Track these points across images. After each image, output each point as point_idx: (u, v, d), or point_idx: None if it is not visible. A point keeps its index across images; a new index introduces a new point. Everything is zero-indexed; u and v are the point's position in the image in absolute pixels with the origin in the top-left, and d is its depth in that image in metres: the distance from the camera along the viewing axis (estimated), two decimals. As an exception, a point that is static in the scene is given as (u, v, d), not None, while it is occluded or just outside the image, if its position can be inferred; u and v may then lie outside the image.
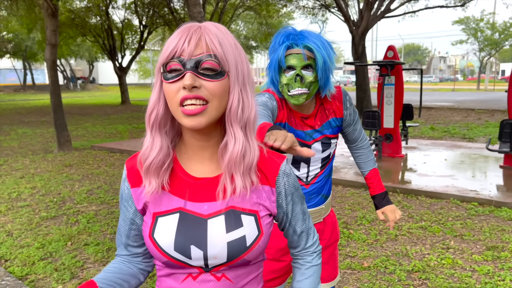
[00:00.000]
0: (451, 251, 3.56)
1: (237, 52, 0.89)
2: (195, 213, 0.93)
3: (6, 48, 34.22)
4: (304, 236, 1.06)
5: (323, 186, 1.72)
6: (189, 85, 0.82)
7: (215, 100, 0.86)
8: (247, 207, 0.94)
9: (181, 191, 0.95)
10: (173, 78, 0.85)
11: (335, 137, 1.71)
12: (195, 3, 6.10)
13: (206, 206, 0.93)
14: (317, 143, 1.66)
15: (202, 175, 0.96)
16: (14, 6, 15.76)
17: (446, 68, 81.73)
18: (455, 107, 17.69)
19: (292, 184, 1.01)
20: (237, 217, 0.93)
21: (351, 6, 15.68)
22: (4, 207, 4.93)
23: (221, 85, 0.86)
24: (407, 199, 5.05)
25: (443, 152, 7.89)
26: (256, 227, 0.94)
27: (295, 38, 1.50)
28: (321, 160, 1.68)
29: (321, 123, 1.66)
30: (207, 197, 0.94)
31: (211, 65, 0.84)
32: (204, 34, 0.85)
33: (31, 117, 16.31)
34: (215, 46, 0.85)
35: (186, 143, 0.96)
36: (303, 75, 1.51)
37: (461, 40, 36.14)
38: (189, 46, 0.84)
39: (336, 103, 1.67)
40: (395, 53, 7.40)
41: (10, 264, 3.43)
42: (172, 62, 0.85)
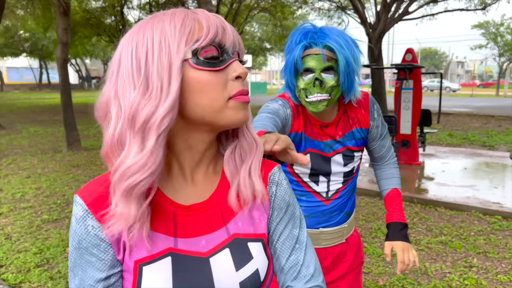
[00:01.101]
0: (474, 270, 3.29)
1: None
2: (191, 252, 0.70)
3: (23, 47, 34.69)
4: (292, 273, 0.78)
5: (345, 202, 1.53)
6: (245, 73, 0.69)
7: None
8: (252, 231, 0.75)
9: (166, 225, 0.70)
10: (216, 65, 0.67)
11: (360, 149, 1.50)
12: (206, 2, 5.92)
13: (204, 240, 0.71)
14: (337, 156, 1.45)
15: (191, 202, 0.73)
16: (30, 6, 15.90)
17: (464, 73, 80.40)
18: (474, 113, 17.20)
19: (281, 196, 0.79)
20: (244, 247, 0.73)
21: (368, 9, 15.39)
22: (7, 208, 4.80)
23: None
24: (425, 210, 4.77)
25: (463, 160, 7.56)
26: (265, 255, 0.75)
27: (313, 37, 1.29)
28: (343, 175, 1.48)
29: (343, 133, 1.45)
30: (202, 229, 0.72)
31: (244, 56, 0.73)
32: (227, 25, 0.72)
33: (44, 115, 16.39)
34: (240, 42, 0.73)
35: (172, 161, 0.72)
36: (323, 79, 1.30)
37: (480, 45, 35.40)
38: (232, 32, 0.70)
39: (361, 111, 1.46)
40: (413, 56, 7.11)
41: (5, 270, 3.27)
42: (211, 47, 0.67)
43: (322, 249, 1.53)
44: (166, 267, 0.68)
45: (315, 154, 1.44)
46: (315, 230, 1.51)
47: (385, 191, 1.55)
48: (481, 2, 14.43)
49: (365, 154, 7.96)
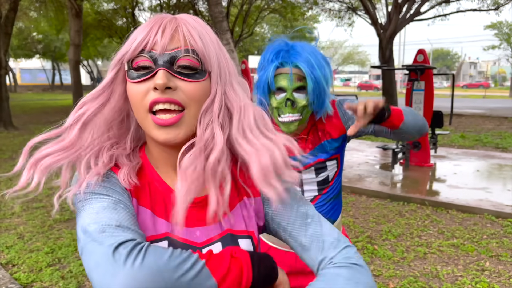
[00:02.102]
0: (486, 274, 3.24)
1: (219, 48, 0.74)
2: (186, 240, 0.73)
3: (36, 48, 35.20)
4: (317, 246, 0.75)
5: (326, 210, 1.45)
6: (162, 84, 0.65)
7: (192, 105, 0.69)
8: (243, 228, 0.77)
9: (166, 211, 0.74)
10: (140, 76, 0.68)
11: (333, 158, 1.44)
12: (217, 3, 5.93)
13: (198, 232, 0.75)
14: (308, 170, 1.42)
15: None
16: (43, 8, 16.12)
17: (476, 74, 79.44)
18: (486, 114, 16.99)
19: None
20: (235, 242, 0.76)
21: (379, 9, 15.30)
22: (20, 208, 4.86)
23: (202, 87, 0.70)
24: (437, 213, 4.72)
25: (475, 162, 7.46)
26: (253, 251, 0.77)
27: (285, 56, 1.29)
28: (316, 183, 1.42)
29: (313, 146, 1.41)
30: (198, 221, 0.75)
31: (189, 62, 0.68)
32: (181, 25, 0.69)
33: (57, 116, 16.47)
34: (194, 39, 0.69)
35: (153, 153, 0.77)
36: (295, 99, 1.30)
37: (493, 46, 34.98)
38: (162, 38, 0.67)
39: (331, 120, 1.41)
40: (425, 57, 7.05)
41: (17, 270, 3.31)
42: (141, 57, 0.68)
43: None
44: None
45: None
46: None
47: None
48: (494, 2, 14.27)
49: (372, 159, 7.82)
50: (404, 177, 6.41)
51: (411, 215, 4.62)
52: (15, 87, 38.52)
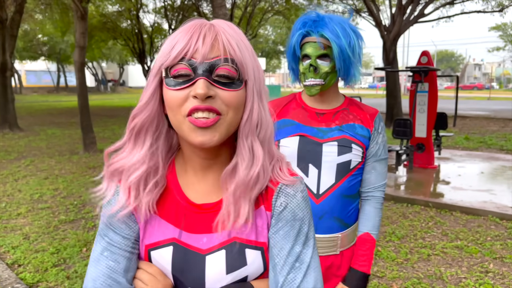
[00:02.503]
0: (490, 276, 3.24)
1: (253, 57, 0.75)
2: (191, 247, 0.75)
3: (41, 50, 35.41)
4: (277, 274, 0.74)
5: (340, 207, 1.39)
6: (203, 94, 0.67)
7: (230, 112, 0.70)
8: (253, 238, 0.75)
9: (176, 217, 0.77)
10: (180, 84, 0.69)
11: (360, 144, 1.40)
12: (221, 5, 5.96)
13: (206, 238, 0.76)
14: (331, 143, 1.39)
15: (202, 201, 0.77)
16: (48, 10, 16.22)
17: (481, 75, 79.10)
18: (491, 116, 16.92)
19: (292, 209, 0.76)
20: (241, 252, 0.74)
21: (383, 11, 15.29)
22: (25, 209, 4.90)
23: (239, 95, 0.71)
24: (441, 215, 4.71)
25: (479, 164, 7.44)
26: (262, 263, 0.76)
27: (312, 25, 1.37)
28: (336, 167, 1.38)
29: (341, 123, 1.42)
30: (206, 228, 0.76)
31: (228, 72, 0.69)
32: (220, 33, 0.70)
33: (62, 118, 16.67)
34: (233, 48, 0.70)
35: (186, 159, 0.78)
36: (318, 65, 1.37)
37: (498, 47, 34.85)
38: (203, 46, 0.68)
39: (366, 115, 1.45)
40: (429, 59, 7.05)
41: (23, 270, 3.34)
42: (180, 65, 0.69)
43: None
44: (168, 254, 0.75)
45: (305, 138, 1.40)
46: None
47: (359, 232, 1.46)
48: (499, 4, 14.22)
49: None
50: (408, 179, 6.40)
51: (414, 217, 4.62)
52: (21, 89, 38.75)
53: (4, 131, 11.89)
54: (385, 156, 1.46)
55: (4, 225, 4.36)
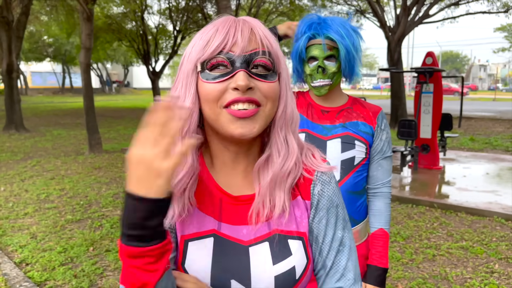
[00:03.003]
0: (495, 276, 3.24)
1: (280, 51, 0.76)
2: (233, 238, 0.75)
3: (47, 52, 35.60)
4: (335, 274, 0.78)
5: (347, 204, 1.41)
6: (244, 86, 0.67)
7: (269, 103, 0.71)
8: (293, 228, 0.76)
9: (213, 208, 0.77)
10: (219, 77, 0.69)
11: (363, 141, 1.44)
12: (226, 7, 5.99)
13: (245, 230, 0.75)
14: (335, 140, 1.43)
15: (238, 193, 0.78)
16: (54, 12, 16.33)
17: (486, 76, 78.75)
18: (496, 117, 16.85)
19: (329, 196, 0.79)
20: (284, 243, 0.75)
21: (387, 12, 15.28)
22: (32, 209, 4.95)
23: (275, 87, 0.72)
24: (446, 215, 4.71)
25: (485, 165, 7.43)
26: (305, 254, 0.76)
27: (317, 28, 1.41)
28: (341, 163, 1.42)
29: (345, 121, 1.46)
30: (245, 219, 0.76)
31: (265, 63, 0.71)
32: (255, 27, 0.72)
33: (67, 119, 16.77)
34: (269, 42, 0.72)
35: (214, 154, 0.78)
36: (326, 66, 1.42)
37: (503, 48, 34.71)
38: (242, 39, 0.69)
39: (369, 113, 1.49)
40: (434, 59, 7.04)
41: (31, 269, 3.37)
42: (219, 57, 0.69)
43: None
44: (208, 246, 0.74)
45: (311, 135, 1.45)
46: None
47: (372, 229, 1.50)
48: (504, 5, 14.17)
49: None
50: (412, 180, 6.40)
51: (420, 218, 4.62)
52: (26, 90, 38.99)
53: (10, 132, 11.98)
54: (390, 153, 1.50)
55: (12, 225, 4.40)
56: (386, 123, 1.50)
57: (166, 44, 24.33)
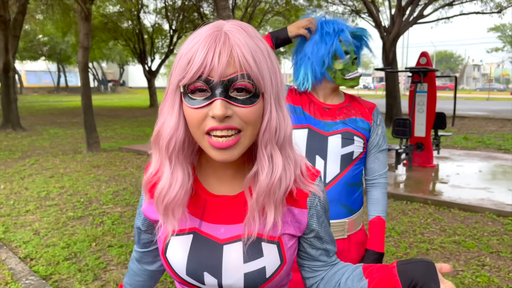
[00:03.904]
0: (486, 269, 3.36)
1: (270, 62, 0.75)
2: (210, 236, 0.83)
3: (42, 51, 35.47)
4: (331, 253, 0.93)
5: (346, 195, 1.53)
6: (220, 115, 0.69)
7: (249, 128, 0.73)
8: (269, 233, 0.82)
9: (197, 208, 0.85)
10: (198, 104, 0.72)
11: (361, 136, 1.54)
12: (225, 7, 6.08)
13: (223, 229, 0.83)
14: (336, 136, 1.53)
15: (221, 192, 0.85)
16: (50, 10, 16.30)
17: (480, 76, 79.30)
18: (490, 116, 17.07)
19: (323, 205, 0.89)
20: (257, 245, 0.82)
21: (382, 12, 15.42)
22: (33, 206, 5.01)
23: (256, 110, 0.73)
24: (439, 211, 4.83)
25: (478, 163, 7.57)
26: (279, 256, 0.83)
27: (341, 27, 1.55)
28: (340, 158, 1.52)
29: (344, 118, 1.56)
30: (224, 218, 0.84)
31: (245, 87, 0.71)
32: (234, 47, 0.70)
33: (63, 118, 16.76)
34: (248, 63, 0.70)
35: (206, 160, 0.86)
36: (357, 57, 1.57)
37: (497, 48, 35.04)
38: (219, 65, 0.69)
39: (365, 109, 1.60)
40: (428, 59, 7.17)
41: (35, 263, 3.45)
42: (198, 82, 0.71)
43: None
44: (187, 242, 0.84)
45: (313, 131, 1.54)
46: None
47: (370, 216, 1.61)
48: (497, 5, 14.35)
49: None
50: (407, 177, 6.53)
51: (414, 214, 4.74)
52: (21, 89, 38.82)
53: (7, 131, 11.99)
54: (385, 146, 1.61)
55: (14, 221, 4.47)
56: (381, 118, 1.61)
57: (162, 43, 24.36)
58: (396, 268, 0.76)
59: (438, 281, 0.71)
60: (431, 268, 0.73)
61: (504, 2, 14.32)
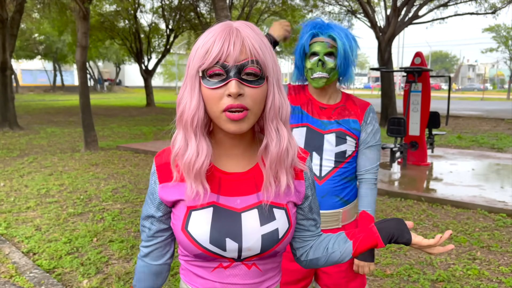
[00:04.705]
0: (477, 262, 3.48)
1: (272, 54, 0.92)
2: (228, 207, 0.96)
3: (38, 49, 35.36)
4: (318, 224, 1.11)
5: (340, 188, 1.66)
6: (235, 93, 0.85)
7: (255, 106, 0.89)
8: (277, 201, 0.98)
9: (214, 185, 0.97)
10: (216, 84, 0.87)
11: (353, 136, 1.66)
12: (223, 7, 6.17)
13: (239, 200, 0.96)
14: (331, 134, 1.65)
15: (233, 170, 0.99)
16: (46, 9, 16.31)
17: (475, 76, 79.78)
18: (483, 116, 17.25)
19: (313, 180, 1.07)
20: (270, 211, 0.96)
21: (378, 12, 15.54)
22: (34, 203, 5.08)
23: (262, 91, 0.89)
24: (432, 208, 4.95)
25: (471, 161, 7.71)
26: (287, 220, 0.98)
27: (321, 28, 1.63)
28: (335, 155, 1.65)
29: (338, 118, 1.68)
30: (239, 191, 0.97)
31: (253, 71, 0.87)
32: (246, 39, 0.87)
33: (60, 117, 16.77)
34: (257, 51, 0.87)
35: (217, 141, 0.99)
36: (325, 61, 1.61)
37: (491, 48, 35.30)
38: (234, 51, 0.85)
39: (358, 110, 1.70)
40: (422, 59, 7.29)
41: (38, 258, 3.53)
42: (215, 67, 0.86)
43: None
44: (208, 214, 0.94)
45: (311, 129, 1.66)
46: None
47: (359, 211, 1.72)
48: (491, 6, 14.51)
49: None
50: (401, 175, 6.64)
51: (407, 210, 4.86)
52: (17, 88, 38.69)
53: (4, 130, 12.02)
54: (374, 143, 1.70)
55: (16, 218, 4.54)
56: (373, 116, 1.70)
57: (159, 43, 24.38)
58: (375, 227, 1.00)
59: (409, 231, 0.98)
60: (402, 223, 0.99)
61: (498, 2, 14.49)
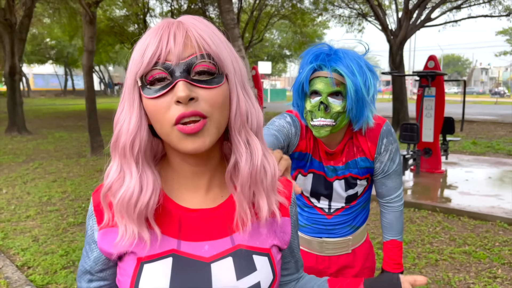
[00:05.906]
0: (498, 281, 3.23)
1: (230, 49, 0.70)
2: (193, 256, 0.72)
3: (49, 54, 35.72)
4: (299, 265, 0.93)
5: (351, 218, 1.51)
6: (185, 97, 0.62)
7: (215, 113, 0.66)
8: (257, 245, 0.74)
9: (171, 227, 0.73)
10: (159, 91, 0.65)
11: (364, 178, 1.45)
12: (228, 10, 6.01)
13: (207, 246, 0.73)
14: (339, 181, 1.45)
15: (198, 206, 0.75)
16: (56, 14, 16.39)
17: (488, 80, 78.66)
18: (498, 121, 16.83)
19: (297, 216, 0.87)
20: (249, 258, 0.73)
21: (389, 15, 15.28)
22: (34, 211, 4.95)
23: (221, 91, 0.67)
24: (448, 220, 4.70)
25: (487, 169, 7.41)
26: (271, 270, 0.75)
27: (325, 59, 1.24)
28: (345, 200, 1.47)
29: (346, 161, 1.42)
30: (206, 234, 0.73)
31: (206, 68, 0.65)
32: (190, 29, 0.66)
33: (69, 121, 16.79)
34: (207, 43, 0.66)
35: (174, 168, 0.75)
36: (329, 103, 1.25)
37: (505, 51, 34.71)
38: (175, 46, 0.64)
39: (368, 143, 1.38)
40: (436, 63, 7.04)
41: (33, 272, 3.38)
42: (155, 70, 0.64)
43: (326, 257, 1.54)
44: (166, 267, 0.70)
45: (318, 175, 1.45)
46: (317, 238, 1.52)
47: (384, 238, 1.53)
48: (506, 8, 14.17)
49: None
50: (414, 184, 6.39)
51: (422, 222, 4.61)
52: (28, 92, 39.09)
53: (12, 134, 12.01)
54: (394, 169, 1.43)
55: (14, 227, 4.40)
56: (388, 140, 1.39)
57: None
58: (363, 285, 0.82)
59: None
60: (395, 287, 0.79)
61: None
